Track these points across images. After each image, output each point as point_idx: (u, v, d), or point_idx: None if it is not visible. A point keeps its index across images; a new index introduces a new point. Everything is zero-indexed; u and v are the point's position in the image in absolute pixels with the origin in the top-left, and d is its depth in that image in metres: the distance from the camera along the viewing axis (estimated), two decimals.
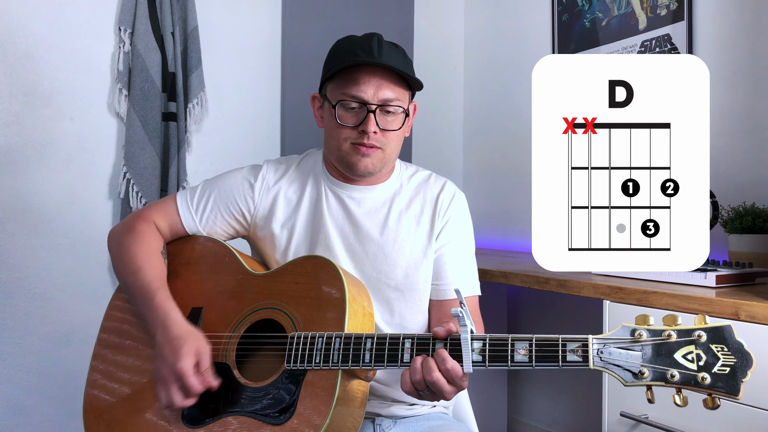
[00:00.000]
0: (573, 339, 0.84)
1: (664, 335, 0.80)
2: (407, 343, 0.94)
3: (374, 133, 1.13)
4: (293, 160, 1.28)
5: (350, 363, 0.96)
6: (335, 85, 1.16)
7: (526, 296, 2.52)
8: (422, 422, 1.19)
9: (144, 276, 1.11)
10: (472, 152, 2.88)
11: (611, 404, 1.44)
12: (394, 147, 1.18)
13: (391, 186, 1.23)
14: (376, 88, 1.12)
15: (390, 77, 1.14)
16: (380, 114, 1.13)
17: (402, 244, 1.19)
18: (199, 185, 1.25)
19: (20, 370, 1.94)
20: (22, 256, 1.95)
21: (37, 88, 1.97)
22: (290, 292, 1.08)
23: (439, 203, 1.22)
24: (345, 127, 1.14)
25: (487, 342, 0.88)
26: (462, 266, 1.23)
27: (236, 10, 2.34)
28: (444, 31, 2.86)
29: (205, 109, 2.23)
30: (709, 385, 0.77)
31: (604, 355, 0.82)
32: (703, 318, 0.81)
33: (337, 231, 1.19)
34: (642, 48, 2.07)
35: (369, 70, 1.13)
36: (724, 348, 0.78)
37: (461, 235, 1.24)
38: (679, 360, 0.79)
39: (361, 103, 1.13)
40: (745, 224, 1.55)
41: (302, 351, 0.99)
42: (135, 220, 1.21)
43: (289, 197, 1.23)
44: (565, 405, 2.42)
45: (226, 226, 1.23)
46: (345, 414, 0.98)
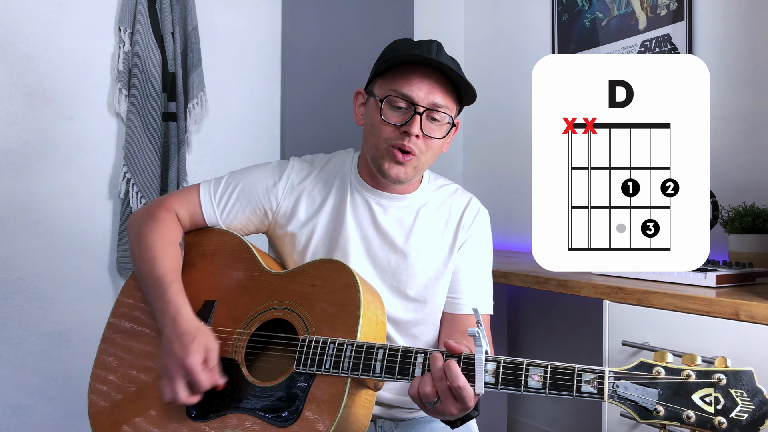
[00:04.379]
0: (589, 370, 0.83)
1: (683, 375, 0.79)
2: (420, 358, 0.93)
3: (416, 137, 1.09)
4: (321, 159, 1.26)
5: (360, 372, 0.95)
6: (385, 81, 1.11)
7: (526, 296, 2.52)
8: (423, 425, 1.19)
9: (160, 267, 1.10)
10: (472, 152, 2.88)
11: (611, 404, 1.43)
12: (429, 157, 1.14)
13: (420, 197, 1.22)
14: (428, 91, 1.08)
15: (443, 84, 1.09)
16: (426, 119, 1.09)
17: (425, 255, 1.18)
18: (224, 177, 1.24)
19: (20, 370, 1.94)
20: (22, 256, 1.95)
21: (37, 88, 1.97)
22: (305, 294, 1.07)
23: (464, 218, 1.21)
24: (387, 125, 1.10)
25: (502, 365, 0.87)
26: (478, 283, 1.22)
27: (236, 10, 2.34)
28: (444, 31, 2.86)
29: (205, 109, 2.23)
30: (725, 430, 0.75)
31: (619, 390, 0.81)
32: (724, 360, 0.79)
33: (360, 236, 1.18)
34: (642, 48, 2.07)
35: (423, 72, 1.08)
36: (743, 393, 0.76)
37: (481, 253, 1.24)
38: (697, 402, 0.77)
39: (410, 103, 1.08)
40: (745, 224, 1.55)
41: (312, 355, 0.98)
42: (157, 208, 1.19)
43: (312, 198, 1.21)
44: (565, 405, 2.42)
45: (246, 222, 1.22)
46: (350, 423, 0.98)
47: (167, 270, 1.10)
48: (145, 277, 1.11)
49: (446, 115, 1.11)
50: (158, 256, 1.11)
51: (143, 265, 1.12)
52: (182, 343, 0.99)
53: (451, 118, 1.12)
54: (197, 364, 0.97)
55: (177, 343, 1.00)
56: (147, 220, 1.17)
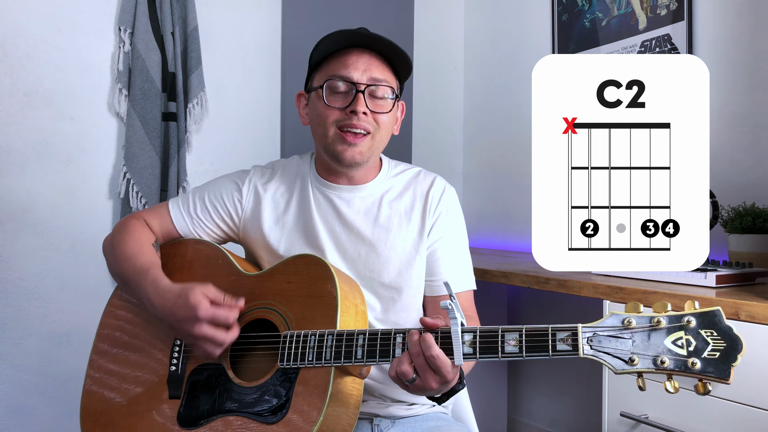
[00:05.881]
0: (562, 328, 0.84)
1: (654, 322, 0.80)
2: (399, 338, 0.94)
3: (364, 114, 1.11)
4: (280, 163, 1.29)
5: (343, 360, 0.96)
6: (321, 71, 1.15)
7: (526, 296, 2.52)
8: (421, 422, 1.18)
9: (136, 261, 1.12)
10: (472, 152, 2.88)
11: (611, 404, 1.44)
12: (383, 135, 1.16)
13: (380, 184, 1.23)
14: (364, 68, 1.11)
15: (378, 59, 1.13)
16: (369, 96, 1.12)
17: (394, 242, 1.18)
18: (188, 192, 1.28)
19: (20, 370, 1.94)
20: (22, 256, 1.95)
21: (37, 88, 1.97)
22: (282, 292, 1.08)
23: (430, 199, 1.21)
24: (333, 109, 1.12)
25: (478, 334, 0.88)
26: (455, 261, 1.23)
27: (236, 10, 2.34)
28: (444, 31, 2.86)
29: (205, 109, 2.23)
30: (700, 371, 0.76)
31: (594, 344, 0.82)
32: (692, 304, 0.81)
33: (328, 232, 1.19)
34: (642, 48, 2.07)
35: (357, 52, 1.12)
36: (713, 333, 0.78)
37: (453, 230, 1.24)
38: (669, 346, 0.79)
39: (349, 83, 1.11)
40: (745, 224, 1.55)
41: (295, 349, 0.99)
42: (125, 220, 1.23)
43: (276, 200, 1.23)
44: (565, 405, 2.42)
45: (216, 228, 1.25)
46: (339, 412, 0.98)
47: (143, 262, 1.12)
48: (126, 276, 1.13)
49: (388, 87, 1.14)
50: (134, 254, 1.14)
51: (121, 267, 1.15)
52: (182, 305, 1.00)
53: (393, 91, 1.15)
54: (208, 308, 0.99)
55: (178, 310, 1.01)
56: (117, 231, 1.21)
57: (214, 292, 1.02)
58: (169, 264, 1.20)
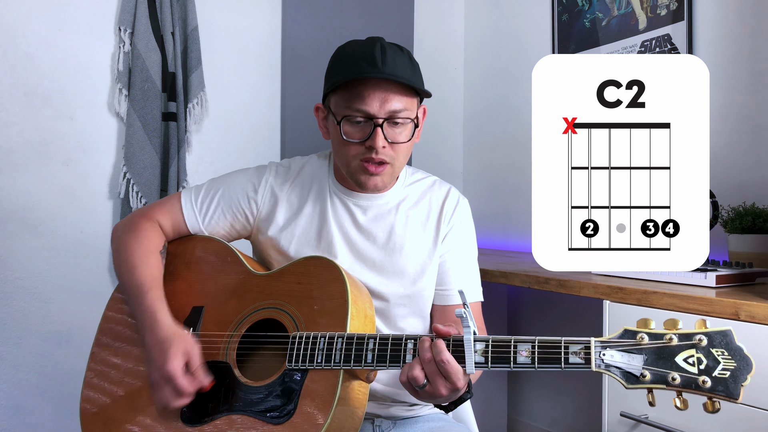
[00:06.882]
0: (575, 341, 0.84)
1: (666, 339, 0.81)
2: (410, 344, 0.93)
3: (383, 148, 1.08)
4: (297, 164, 1.26)
5: (352, 363, 0.95)
6: (339, 98, 1.11)
7: (526, 296, 2.52)
8: (422, 423, 1.18)
9: (138, 275, 1.11)
10: (472, 153, 2.88)
11: (611, 404, 1.44)
12: (402, 159, 1.14)
13: (398, 193, 1.22)
14: (382, 101, 1.07)
15: (396, 87, 1.08)
16: (388, 127, 1.09)
17: (409, 251, 1.18)
18: (204, 184, 1.25)
19: (20, 370, 1.94)
20: (22, 256, 1.95)
21: (37, 88, 1.97)
22: (292, 292, 1.07)
23: (445, 209, 1.22)
24: (351, 144, 1.10)
25: (490, 344, 0.88)
26: (465, 272, 1.23)
27: (236, 10, 2.34)
28: (444, 32, 2.86)
29: (205, 109, 2.23)
30: (710, 389, 0.77)
31: (606, 358, 0.82)
32: (703, 322, 0.81)
33: (343, 237, 1.18)
34: (642, 48, 2.07)
35: (374, 83, 1.07)
36: (724, 352, 0.78)
37: (465, 242, 1.24)
38: (680, 363, 0.79)
39: (367, 117, 1.08)
40: (745, 224, 1.55)
41: (304, 351, 0.99)
42: (138, 218, 1.21)
43: (291, 201, 1.22)
44: (565, 405, 2.42)
45: (228, 227, 1.23)
46: (346, 415, 0.98)
47: (146, 278, 1.10)
48: (126, 285, 1.13)
49: (406, 118, 1.10)
50: (138, 265, 1.12)
51: (124, 275, 1.14)
52: (161, 350, 1.00)
53: (413, 117, 1.12)
54: (177, 370, 0.98)
55: (156, 351, 1.01)
56: (128, 230, 1.19)
57: (196, 358, 1.01)
58: (177, 260, 1.19)
